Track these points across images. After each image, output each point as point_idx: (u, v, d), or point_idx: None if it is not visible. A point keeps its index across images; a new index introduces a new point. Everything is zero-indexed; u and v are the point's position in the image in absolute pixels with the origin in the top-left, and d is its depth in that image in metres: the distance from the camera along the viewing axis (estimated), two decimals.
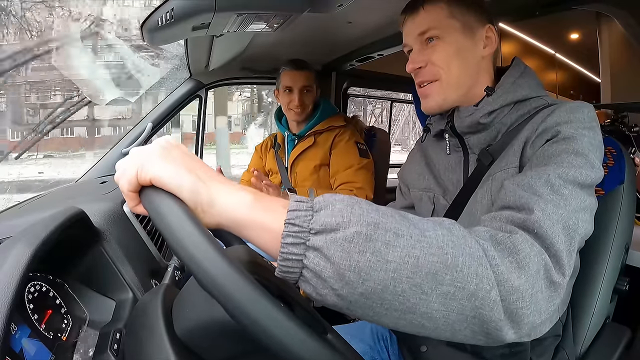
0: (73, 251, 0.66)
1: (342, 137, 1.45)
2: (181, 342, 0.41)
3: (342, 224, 0.35)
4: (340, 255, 0.34)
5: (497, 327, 0.38)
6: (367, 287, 0.35)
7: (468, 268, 0.36)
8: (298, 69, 1.44)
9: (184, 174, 0.37)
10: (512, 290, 0.38)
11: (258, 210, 0.37)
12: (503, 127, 0.66)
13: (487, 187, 0.64)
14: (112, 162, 1.55)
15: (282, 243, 0.35)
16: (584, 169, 0.50)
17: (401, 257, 0.35)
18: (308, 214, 0.36)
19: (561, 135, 0.54)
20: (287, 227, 0.35)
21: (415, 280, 0.35)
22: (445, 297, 0.36)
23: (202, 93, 1.72)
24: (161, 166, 0.37)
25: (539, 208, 0.45)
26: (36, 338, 0.50)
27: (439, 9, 0.67)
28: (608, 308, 0.75)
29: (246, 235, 0.37)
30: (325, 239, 0.35)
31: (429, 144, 0.82)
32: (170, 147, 0.39)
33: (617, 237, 0.72)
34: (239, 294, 0.30)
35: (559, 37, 5.77)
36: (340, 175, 1.40)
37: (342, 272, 0.34)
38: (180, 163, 0.38)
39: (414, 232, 0.37)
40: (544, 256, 0.41)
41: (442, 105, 0.70)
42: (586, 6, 1.15)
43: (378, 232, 0.35)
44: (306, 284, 0.36)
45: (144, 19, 0.96)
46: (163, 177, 0.36)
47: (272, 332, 0.30)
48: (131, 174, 0.37)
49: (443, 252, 0.36)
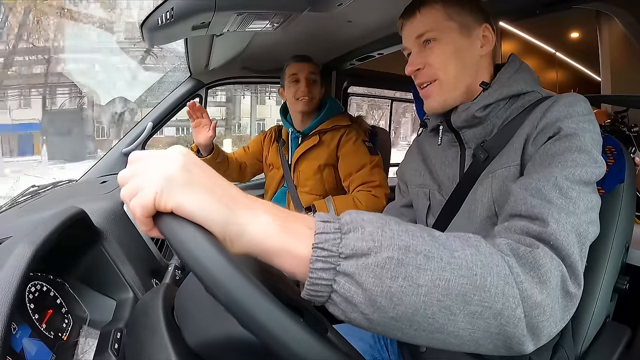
0: (74, 251, 0.66)
1: (349, 137, 1.44)
2: (192, 352, 0.41)
3: (373, 249, 0.34)
4: (372, 281, 0.34)
5: (519, 341, 0.39)
6: (398, 311, 0.34)
7: (495, 288, 0.37)
8: (303, 60, 1.44)
9: (212, 204, 0.33)
10: (534, 305, 0.39)
11: (286, 236, 0.35)
12: (498, 121, 0.67)
13: (487, 184, 0.64)
14: (112, 161, 1.55)
15: (311, 268, 0.34)
16: (588, 167, 0.51)
17: (432, 281, 0.35)
18: (336, 237, 0.35)
19: (563, 132, 0.55)
20: (316, 251, 0.34)
21: (445, 302, 0.35)
22: (472, 316, 0.36)
23: (202, 92, 1.72)
24: (186, 195, 0.33)
25: (553, 219, 0.45)
26: (37, 338, 0.50)
27: (435, 11, 0.68)
28: (608, 307, 0.75)
29: (273, 261, 0.35)
30: (356, 265, 0.34)
31: (426, 139, 0.83)
32: (190, 165, 0.34)
33: (617, 236, 0.71)
34: (289, 339, 0.31)
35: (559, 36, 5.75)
36: (356, 176, 1.39)
37: (374, 298, 0.34)
38: (204, 188, 0.34)
39: (443, 254, 0.36)
40: (561, 267, 0.42)
41: (444, 105, 0.71)
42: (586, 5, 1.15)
43: (409, 255, 0.35)
44: (334, 306, 0.35)
45: (144, 19, 0.96)
46: (190, 208, 0.33)
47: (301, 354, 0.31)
48: (147, 200, 0.33)
49: (472, 273, 0.36)
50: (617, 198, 0.71)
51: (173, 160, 0.34)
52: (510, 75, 0.68)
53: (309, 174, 1.46)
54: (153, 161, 0.35)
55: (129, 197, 0.34)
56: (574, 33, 5.72)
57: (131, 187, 0.34)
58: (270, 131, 1.67)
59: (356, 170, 1.39)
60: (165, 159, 0.34)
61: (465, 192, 0.68)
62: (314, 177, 1.45)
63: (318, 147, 1.45)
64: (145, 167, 0.34)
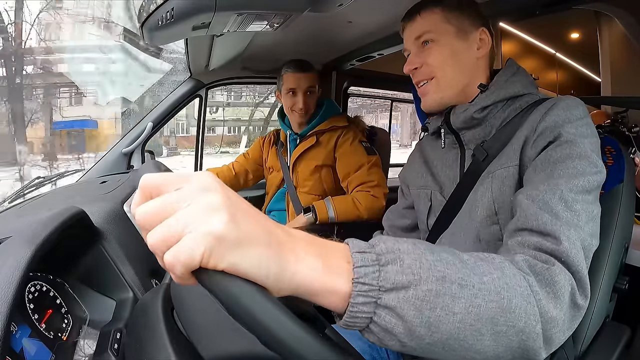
0: (73, 251, 0.66)
1: (345, 137, 1.44)
2: (191, 351, 0.41)
3: (413, 282, 0.35)
4: (412, 313, 0.35)
5: (536, 353, 0.42)
6: (434, 338, 0.36)
7: (519, 308, 0.39)
8: (301, 70, 1.41)
9: (268, 259, 0.30)
10: (550, 320, 0.41)
11: (328, 276, 0.34)
12: (496, 122, 0.69)
13: (487, 184, 0.65)
14: (112, 161, 1.55)
15: (352, 302, 0.34)
16: (589, 174, 0.53)
17: (466, 308, 0.37)
18: (375, 269, 0.35)
19: (563, 138, 0.56)
20: (357, 286, 0.34)
21: (476, 326, 0.37)
22: (498, 335, 0.38)
23: (203, 93, 1.73)
24: (240, 255, 0.29)
25: (565, 236, 0.47)
26: (36, 338, 0.50)
27: (434, 14, 0.71)
28: (608, 307, 0.75)
29: (315, 300, 0.35)
30: (397, 298, 0.35)
31: (427, 142, 0.85)
32: (235, 212, 0.29)
33: (617, 236, 0.72)
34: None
35: (559, 37, 5.75)
36: (354, 176, 1.39)
37: (414, 328, 0.35)
38: (257, 242, 0.30)
39: (475, 281, 0.38)
40: (572, 281, 0.45)
41: (440, 103, 0.73)
42: (586, 5, 1.15)
43: (445, 285, 0.36)
44: (371, 334, 0.36)
45: (144, 19, 0.96)
46: (246, 268, 0.29)
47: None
48: (193, 259, 0.28)
49: (500, 297, 0.38)
50: (617, 198, 0.72)
51: (215, 209, 0.29)
52: (507, 78, 0.70)
53: (307, 174, 1.46)
54: (184, 201, 0.29)
55: (161, 248, 0.28)
56: (574, 33, 5.72)
57: (164, 236, 0.28)
58: (269, 135, 1.68)
59: (354, 171, 1.39)
60: (202, 204, 0.29)
61: (466, 193, 0.70)
62: (312, 178, 1.45)
63: (315, 147, 1.46)
64: (175, 208, 0.29)
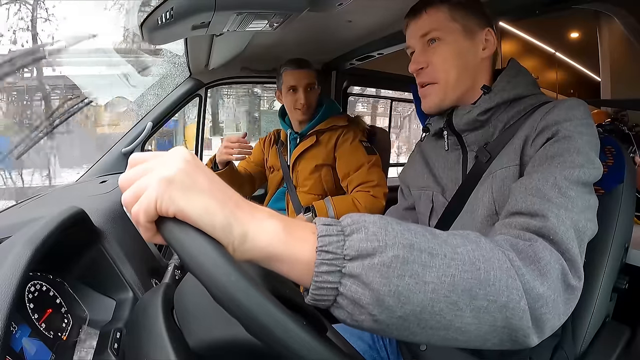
0: (73, 250, 0.66)
1: (346, 137, 1.44)
2: (193, 353, 0.41)
3: (378, 249, 0.34)
4: (379, 281, 0.34)
5: (524, 334, 0.39)
6: (406, 310, 0.34)
7: (499, 281, 0.37)
8: (300, 67, 1.41)
9: (215, 210, 0.33)
10: (537, 297, 0.39)
11: (289, 241, 0.35)
12: (500, 124, 0.68)
13: (487, 184, 0.65)
14: (111, 161, 1.55)
15: (316, 272, 0.34)
16: (586, 168, 0.52)
17: (438, 277, 0.35)
18: (340, 239, 0.35)
19: (561, 134, 0.56)
20: (320, 254, 0.34)
21: (452, 298, 0.35)
22: (478, 311, 0.37)
23: (202, 92, 1.72)
24: (188, 200, 0.32)
25: (553, 214, 0.46)
26: (36, 337, 0.50)
27: (440, 12, 0.70)
28: (608, 307, 0.75)
29: (276, 267, 0.35)
30: (362, 265, 0.34)
31: (428, 143, 0.84)
32: (193, 172, 0.33)
33: (617, 236, 0.72)
34: (291, 342, 0.31)
35: (559, 36, 5.76)
36: (354, 176, 1.39)
37: (382, 297, 0.34)
38: (208, 194, 0.33)
39: (447, 250, 0.37)
40: (561, 261, 0.43)
41: (441, 105, 0.73)
42: (586, 5, 1.15)
43: (414, 253, 0.35)
44: (341, 310, 0.35)
45: (144, 18, 0.96)
46: (191, 214, 0.32)
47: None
48: (149, 205, 0.32)
49: (475, 267, 0.37)
50: (617, 198, 0.72)
51: (174, 163, 0.33)
52: (509, 79, 0.69)
53: (307, 173, 1.46)
54: (154, 164, 0.34)
55: (131, 203, 0.33)
56: (573, 33, 5.72)
57: (133, 192, 0.33)
58: (269, 135, 1.68)
59: (354, 171, 1.39)
60: (166, 161, 0.33)
61: (468, 194, 0.69)
62: (312, 177, 1.45)
63: (315, 147, 1.46)
64: (147, 170, 0.34)
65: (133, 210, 0.33)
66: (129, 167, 0.36)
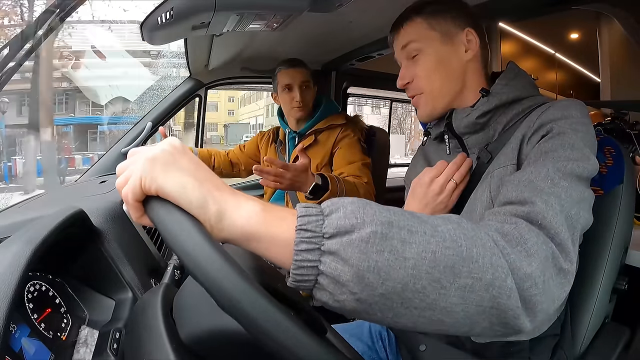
0: (73, 250, 0.66)
1: (345, 133, 1.44)
2: (185, 345, 0.41)
3: (356, 225, 0.34)
4: (358, 256, 0.34)
5: (514, 315, 0.38)
6: (387, 287, 0.34)
7: (482, 258, 0.37)
8: (294, 66, 1.43)
9: (192, 187, 0.35)
10: (525, 277, 0.38)
11: (267, 221, 0.35)
12: (499, 127, 0.69)
13: (486, 183, 0.65)
14: (111, 161, 1.55)
15: (295, 250, 0.34)
16: (580, 162, 0.51)
17: (418, 253, 0.35)
18: (319, 219, 0.35)
19: (555, 130, 0.56)
20: (299, 233, 0.34)
21: (434, 275, 0.35)
22: (463, 289, 0.36)
23: (202, 92, 1.73)
24: (168, 177, 0.35)
25: (542, 200, 0.46)
26: (36, 337, 0.50)
27: (417, 24, 0.72)
28: (607, 308, 0.75)
29: (255, 248, 0.36)
30: (341, 242, 0.34)
31: (431, 147, 0.84)
32: (176, 153, 0.36)
33: (617, 236, 0.72)
34: (263, 317, 0.31)
35: (559, 37, 5.76)
36: (345, 168, 1.38)
37: (362, 273, 0.34)
38: (187, 173, 0.35)
39: (427, 228, 0.37)
40: (550, 245, 0.42)
41: (432, 114, 0.75)
42: (586, 6, 1.15)
43: (393, 230, 0.35)
44: (322, 291, 0.35)
45: (144, 18, 0.96)
46: (170, 190, 0.34)
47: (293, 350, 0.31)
48: (135, 184, 0.35)
49: (457, 244, 0.37)
50: (616, 199, 0.72)
51: (160, 145, 0.37)
52: (507, 81, 0.69)
53: None
54: (145, 151, 0.37)
55: (122, 185, 0.36)
56: (573, 34, 5.73)
57: (124, 176, 0.37)
58: (268, 132, 1.68)
59: (346, 164, 1.39)
60: (154, 147, 0.37)
61: (469, 195, 0.69)
62: None
63: (314, 146, 1.46)
64: (138, 157, 0.37)
65: (123, 191, 0.36)
66: (127, 158, 0.39)
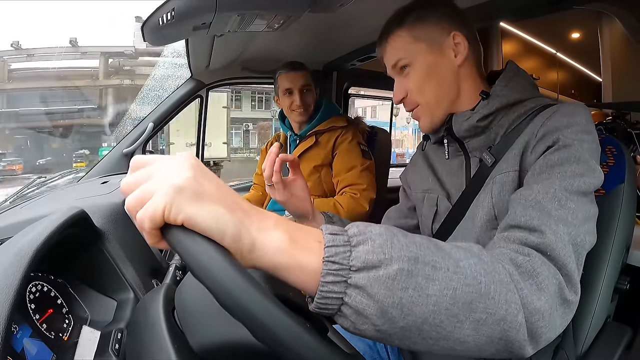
0: (74, 251, 0.66)
1: (344, 137, 1.45)
2: (196, 355, 0.41)
3: (384, 261, 0.35)
4: (384, 293, 0.34)
5: (520, 345, 0.40)
6: (408, 321, 0.35)
7: (499, 295, 0.38)
8: (294, 69, 1.44)
9: (224, 218, 0.32)
10: (534, 311, 0.40)
11: (296, 251, 0.35)
12: (501, 130, 0.67)
13: (488, 189, 0.64)
14: (113, 162, 1.55)
15: (322, 282, 0.34)
16: (586, 177, 0.52)
17: (440, 290, 0.36)
18: (346, 250, 0.35)
19: (561, 142, 0.55)
20: (327, 265, 0.34)
21: (453, 310, 0.36)
22: (477, 323, 0.37)
23: (203, 93, 1.73)
24: (197, 208, 0.31)
25: (551, 230, 0.46)
26: (37, 338, 0.50)
27: (401, 38, 0.71)
28: (609, 307, 0.75)
29: (283, 276, 0.35)
30: (368, 277, 0.34)
31: (431, 151, 0.83)
32: (200, 177, 0.33)
33: (618, 236, 0.71)
34: (297, 346, 0.31)
35: (560, 36, 5.75)
36: (344, 177, 1.40)
37: (386, 309, 0.34)
38: (216, 201, 0.33)
39: (450, 264, 0.38)
40: (558, 276, 0.44)
41: (432, 125, 0.74)
42: (587, 5, 1.14)
43: (418, 266, 0.36)
44: (344, 319, 0.36)
45: (145, 19, 0.96)
46: (201, 222, 0.31)
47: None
48: (156, 212, 0.31)
49: (477, 281, 0.38)
50: (618, 199, 0.71)
51: (182, 169, 0.33)
52: (506, 83, 0.68)
53: (306, 174, 1.46)
54: (160, 169, 0.33)
55: (135, 208, 0.32)
56: (574, 33, 5.72)
57: (137, 197, 0.32)
58: (270, 141, 1.70)
59: (346, 171, 1.40)
60: (172, 167, 0.33)
61: (471, 199, 0.69)
62: (311, 178, 1.46)
63: (314, 147, 1.46)
64: (152, 175, 0.33)
65: (138, 216, 0.32)
66: (131, 170, 0.35)
